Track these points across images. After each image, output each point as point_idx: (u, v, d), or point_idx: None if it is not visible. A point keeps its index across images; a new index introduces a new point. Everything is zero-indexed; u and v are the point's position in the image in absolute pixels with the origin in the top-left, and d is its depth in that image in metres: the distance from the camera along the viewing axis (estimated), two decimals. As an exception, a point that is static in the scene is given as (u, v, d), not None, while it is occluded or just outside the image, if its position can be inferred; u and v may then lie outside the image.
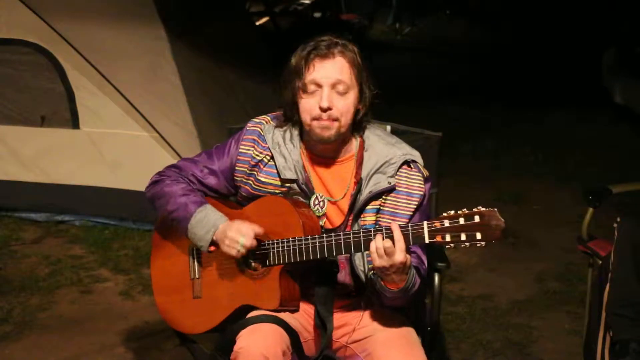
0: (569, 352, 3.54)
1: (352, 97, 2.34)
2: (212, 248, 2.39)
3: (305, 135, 2.42)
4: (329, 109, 2.30)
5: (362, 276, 2.35)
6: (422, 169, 2.42)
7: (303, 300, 2.43)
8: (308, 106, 2.33)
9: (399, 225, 2.19)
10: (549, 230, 4.96)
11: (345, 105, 2.33)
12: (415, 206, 2.37)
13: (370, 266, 2.31)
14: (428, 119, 4.25)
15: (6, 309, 3.89)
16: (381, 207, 2.36)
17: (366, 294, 2.41)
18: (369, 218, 2.37)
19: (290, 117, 2.42)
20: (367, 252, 2.27)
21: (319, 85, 2.31)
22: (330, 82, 2.31)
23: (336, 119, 2.32)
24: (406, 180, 2.37)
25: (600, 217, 3.36)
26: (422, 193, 2.38)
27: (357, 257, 2.35)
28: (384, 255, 2.17)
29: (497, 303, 4.02)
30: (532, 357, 3.53)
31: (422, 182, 2.39)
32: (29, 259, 4.49)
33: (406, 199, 2.37)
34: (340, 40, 2.36)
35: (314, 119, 2.32)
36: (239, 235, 2.31)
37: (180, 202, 2.41)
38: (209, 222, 2.37)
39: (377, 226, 2.33)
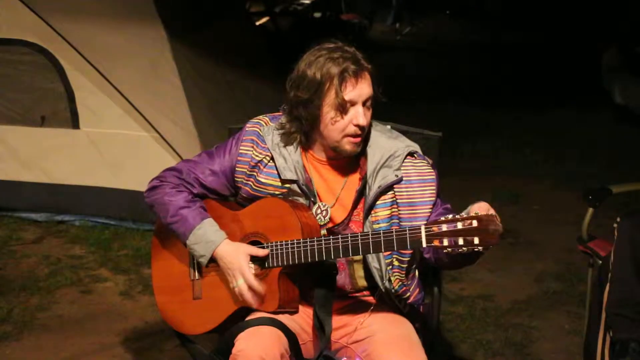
0: (569, 352, 3.54)
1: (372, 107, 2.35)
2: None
3: (315, 144, 2.39)
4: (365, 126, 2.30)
5: (376, 274, 2.35)
6: (425, 157, 2.43)
7: (302, 302, 2.42)
8: (342, 124, 2.30)
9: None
10: (549, 230, 4.95)
11: (370, 118, 2.34)
12: (432, 191, 2.37)
13: (387, 261, 2.32)
14: (428, 119, 4.26)
15: (6, 309, 3.89)
16: (397, 201, 2.35)
17: (378, 292, 2.41)
18: (381, 213, 2.35)
19: (308, 131, 2.37)
20: (361, 256, 2.26)
21: (353, 104, 2.30)
22: (363, 100, 2.31)
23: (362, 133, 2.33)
24: (414, 169, 2.37)
25: (600, 217, 3.36)
26: (433, 177, 2.39)
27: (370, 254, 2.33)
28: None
29: (497, 303, 4.02)
30: (532, 357, 3.53)
31: (430, 167, 2.40)
32: (29, 259, 4.49)
33: (420, 187, 2.36)
34: (358, 51, 2.33)
35: (347, 136, 2.31)
36: (239, 276, 2.31)
37: (180, 215, 2.39)
38: (207, 241, 2.35)
39: (396, 220, 2.33)
